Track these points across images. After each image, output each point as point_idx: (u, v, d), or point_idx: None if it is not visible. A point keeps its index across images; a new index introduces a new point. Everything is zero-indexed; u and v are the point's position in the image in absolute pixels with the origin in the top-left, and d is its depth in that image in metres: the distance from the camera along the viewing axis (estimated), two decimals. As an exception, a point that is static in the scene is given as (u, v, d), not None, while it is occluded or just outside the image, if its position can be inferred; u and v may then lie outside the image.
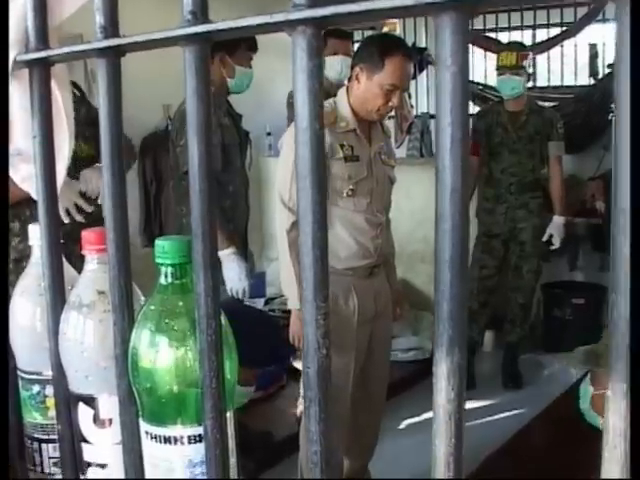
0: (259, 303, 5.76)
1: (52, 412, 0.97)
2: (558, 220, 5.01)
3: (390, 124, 5.60)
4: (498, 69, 4.89)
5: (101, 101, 0.79)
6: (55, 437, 0.97)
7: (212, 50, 0.70)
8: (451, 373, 0.56)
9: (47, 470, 0.99)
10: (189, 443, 0.78)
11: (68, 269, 0.97)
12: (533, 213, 5.01)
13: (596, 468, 0.54)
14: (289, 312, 3.30)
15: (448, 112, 0.53)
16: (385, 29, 6.61)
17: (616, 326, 0.50)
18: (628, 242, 0.49)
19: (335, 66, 4.51)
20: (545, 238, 5.02)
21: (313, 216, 0.60)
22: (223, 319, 0.77)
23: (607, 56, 6.58)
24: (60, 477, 0.97)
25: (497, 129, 4.93)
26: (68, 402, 0.91)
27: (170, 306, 0.79)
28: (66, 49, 0.82)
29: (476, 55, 7.42)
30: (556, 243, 5.02)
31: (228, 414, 0.78)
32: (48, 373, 0.94)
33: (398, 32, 6.56)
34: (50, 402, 0.97)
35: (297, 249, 0.61)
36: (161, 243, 0.78)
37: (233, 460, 0.81)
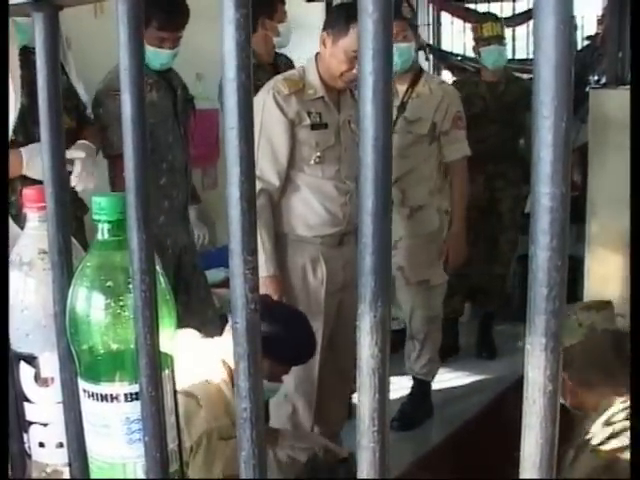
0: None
1: (-3, 372, 0.96)
2: None
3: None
4: (483, 40, 4.80)
5: (38, 57, 0.78)
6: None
7: None
8: (374, 328, 0.55)
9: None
10: (126, 401, 0.78)
11: (14, 228, 0.96)
12: (511, 183, 5.00)
13: (565, 440, 0.54)
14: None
15: (370, 60, 0.52)
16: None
17: (535, 278, 0.50)
18: (548, 191, 0.48)
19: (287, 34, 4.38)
20: (527, 210, 5.01)
21: (239, 168, 0.59)
22: (161, 277, 0.76)
23: (586, 28, 6.56)
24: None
25: (474, 99, 4.90)
26: (11, 361, 0.91)
27: (107, 263, 0.78)
28: (3, 2, 0.81)
29: (455, 26, 7.40)
30: None
31: (166, 372, 0.78)
32: (-9, 333, 0.93)
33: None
34: (-6, 362, 0.96)
35: (264, 216, 0.61)
36: (98, 199, 0.77)
37: (172, 419, 0.81)
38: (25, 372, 0.87)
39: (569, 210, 0.48)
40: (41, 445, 0.89)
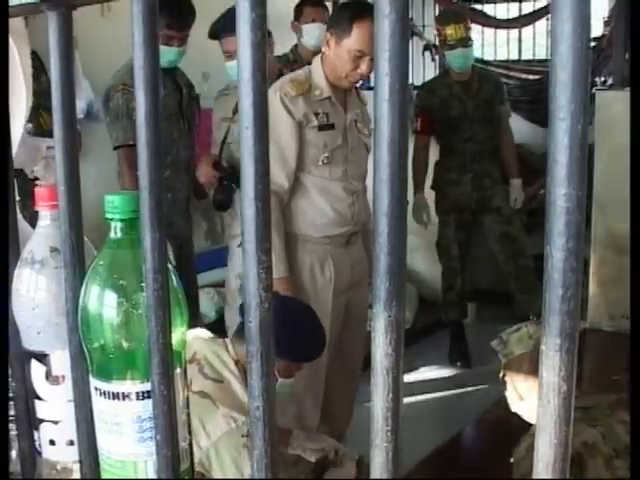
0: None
1: (8, 370, 0.96)
2: (517, 182, 4.98)
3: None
4: (448, 44, 4.76)
5: (52, 55, 0.78)
6: (11, 395, 0.96)
7: None
8: (388, 327, 0.55)
9: (3, 428, 0.99)
10: (137, 399, 0.78)
11: (24, 226, 0.96)
12: (497, 182, 4.98)
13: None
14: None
15: (386, 61, 0.52)
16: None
17: (550, 279, 0.50)
18: (564, 193, 0.48)
19: (313, 33, 4.46)
20: (511, 203, 4.98)
21: (254, 168, 0.59)
22: (173, 276, 0.76)
23: (592, 30, 6.55)
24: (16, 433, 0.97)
25: (452, 101, 4.85)
26: (22, 359, 0.91)
27: (119, 261, 0.78)
28: (16, 1, 0.81)
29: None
30: (518, 204, 4.99)
31: (177, 370, 0.78)
32: (2, 331, 0.93)
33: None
34: (5, 360, 0.96)
35: (274, 217, 0.61)
36: (111, 198, 0.77)
37: (183, 417, 0.81)
38: (36, 370, 0.88)
39: (585, 212, 0.48)
40: (52, 443, 0.89)
